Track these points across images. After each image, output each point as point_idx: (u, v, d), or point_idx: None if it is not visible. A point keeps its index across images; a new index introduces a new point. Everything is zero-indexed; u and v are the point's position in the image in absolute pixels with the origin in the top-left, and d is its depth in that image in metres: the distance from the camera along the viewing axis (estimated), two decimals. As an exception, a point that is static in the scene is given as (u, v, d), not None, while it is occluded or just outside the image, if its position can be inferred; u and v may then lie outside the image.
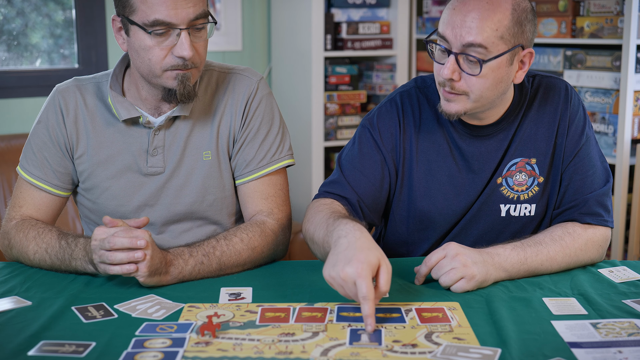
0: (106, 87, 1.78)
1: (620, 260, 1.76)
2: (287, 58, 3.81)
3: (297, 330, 1.36)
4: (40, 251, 1.67)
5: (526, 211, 1.74)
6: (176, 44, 1.61)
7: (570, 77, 3.15)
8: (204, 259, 1.62)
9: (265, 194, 1.79)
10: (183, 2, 1.59)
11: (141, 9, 1.59)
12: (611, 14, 2.97)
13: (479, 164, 1.73)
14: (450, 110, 1.63)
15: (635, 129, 2.97)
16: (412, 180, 1.75)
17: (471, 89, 1.59)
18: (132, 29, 1.63)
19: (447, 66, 1.57)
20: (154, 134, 1.75)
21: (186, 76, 1.65)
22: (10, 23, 3.44)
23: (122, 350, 1.27)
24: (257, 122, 1.79)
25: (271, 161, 1.79)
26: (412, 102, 1.77)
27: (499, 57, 1.57)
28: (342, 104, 3.79)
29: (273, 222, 1.76)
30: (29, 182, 1.78)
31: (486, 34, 1.55)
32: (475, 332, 1.35)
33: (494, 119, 1.71)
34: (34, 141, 1.79)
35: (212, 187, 1.79)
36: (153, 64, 1.63)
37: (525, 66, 1.64)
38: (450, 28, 1.57)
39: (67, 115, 1.77)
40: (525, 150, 1.72)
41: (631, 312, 1.44)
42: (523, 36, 1.60)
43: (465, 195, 1.74)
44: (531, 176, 1.73)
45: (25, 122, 3.38)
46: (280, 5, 3.80)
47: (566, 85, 1.75)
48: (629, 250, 2.98)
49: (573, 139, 1.72)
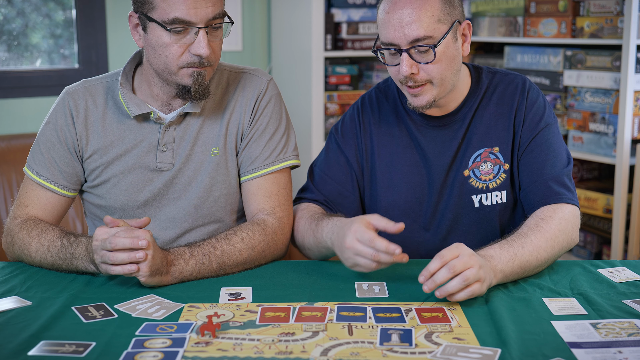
0: (116, 85, 1.80)
1: (620, 260, 1.76)
2: (287, 58, 3.81)
3: (297, 330, 1.36)
4: (42, 249, 1.67)
5: (497, 199, 1.80)
6: (194, 42, 1.65)
7: (570, 77, 3.15)
8: (205, 258, 1.62)
9: (269, 191, 1.80)
10: (203, 2, 1.62)
11: (161, 7, 1.62)
12: (611, 14, 2.97)
13: (435, 152, 1.80)
14: (421, 103, 1.71)
15: (635, 129, 2.97)
16: (375, 174, 1.84)
17: (431, 75, 1.67)
18: (150, 25, 1.65)
19: (403, 64, 1.65)
20: (165, 130, 1.77)
21: (201, 74, 1.68)
22: (11, 23, 3.44)
23: (122, 350, 1.28)
24: (265, 120, 1.82)
25: (277, 160, 1.82)
26: (371, 102, 1.88)
27: (443, 38, 1.65)
28: (342, 104, 3.79)
29: (274, 221, 1.76)
30: (36, 182, 1.79)
31: (425, 23, 1.63)
32: (475, 332, 1.35)
33: (452, 107, 1.79)
34: (42, 142, 1.80)
35: (218, 184, 1.80)
36: (170, 60, 1.66)
37: (468, 37, 1.73)
38: (392, 30, 1.64)
39: (77, 117, 1.78)
40: (487, 140, 1.79)
41: (631, 312, 1.44)
42: (455, 11, 1.68)
43: (427, 184, 1.81)
44: (496, 164, 1.79)
45: (25, 122, 3.38)
46: (280, 5, 3.80)
47: (524, 79, 1.83)
48: (629, 250, 2.98)
49: (530, 125, 1.78)
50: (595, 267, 1.69)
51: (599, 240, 3.16)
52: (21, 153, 2.95)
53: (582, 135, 3.14)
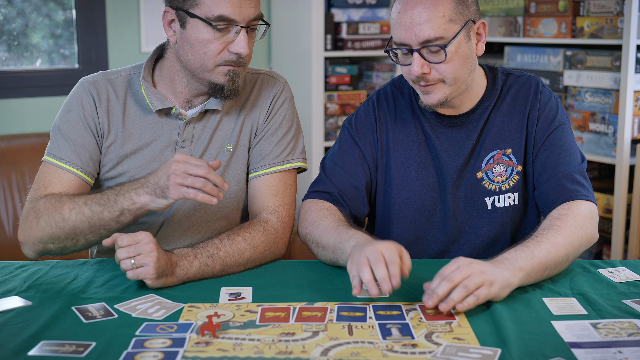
0: (137, 79, 1.81)
1: (620, 260, 1.76)
2: (287, 58, 3.82)
3: (297, 330, 1.36)
4: (77, 207, 1.64)
5: (510, 200, 1.79)
6: (234, 40, 1.67)
7: (570, 77, 3.15)
8: (208, 260, 1.62)
9: (275, 189, 1.81)
10: (247, 2, 1.66)
11: (205, 3, 1.65)
12: (611, 14, 2.97)
13: (448, 152, 1.79)
14: (432, 101, 1.70)
15: (635, 129, 2.97)
16: (390, 170, 1.83)
17: (444, 74, 1.67)
18: (191, 21, 1.67)
19: (414, 64, 1.65)
20: (185, 127, 1.79)
21: (237, 73, 1.71)
22: (11, 23, 3.44)
23: (122, 350, 1.28)
24: (279, 119, 1.84)
25: (286, 159, 1.84)
26: (387, 98, 1.87)
27: (455, 37, 1.64)
28: (342, 104, 3.79)
29: (276, 221, 1.77)
30: (61, 167, 1.74)
31: (436, 24, 1.62)
32: (475, 332, 1.35)
33: (467, 108, 1.78)
34: (66, 129, 1.77)
35: (229, 179, 1.82)
36: (208, 57, 1.68)
37: (482, 37, 1.72)
38: (404, 30, 1.64)
39: (100, 105, 1.78)
40: (500, 142, 1.78)
41: (631, 312, 1.44)
42: (469, 11, 1.67)
43: (437, 184, 1.80)
44: (509, 166, 1.78)
45: (25, 122, 3.38)
46: (280, 5, 3.80)
47: (537, 81, 1.82)
48: (629, 250, 2.98)
49: (544, 125, 1.77)
50: (595, 267, 1.69)
51: (599, 240, 3.16)
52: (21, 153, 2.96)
53: (582, 135, 3.14)
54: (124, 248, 1.52)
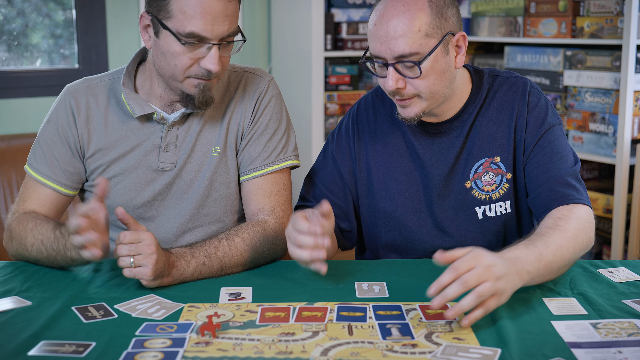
0: (118, 84, 1.80)
1: (620, 260, 1.76)
2: (287, 58, 3.81)
3: (297, 330, 1.36)
4: (37, 243, 1.67)
5: (502, 209, 1.75)
6: (205, 56, 1.64)
7: (570, 77, 3.15)
8: (206, 260, 1.62)
9: (269, 191, 1.80)
10: (220, 20, 1.61)
11: (178, 18, 1.60)
12: (611, 14, 2.97)
13: (432, 161, 1.76)
14: (409, 115, 1.67)
15: (635, 129, 2.97)
16: (372, 183, 1.81)
17: (419, 89, 1.62)
18: (164, 32, 1.64)
19: (389, 78, 1.61)
20: (167, 130, 1.77)
21: (207, 86, 1.68)
22: (11, 23, 3.44)
23: (122, 350, 1.28)
24: (265, 119, 1.82)
25: (277, 160, 1.82)
26: (367, 108, 1.84)
27: (431, 53, 1.59)
28: (342, 104, 3.79)
29: (274, 221, 1.76)
30: (37, 180, 1.79)
31: (411, 40, 1.57)
32: (475, 332, 1.35)
33: (450, 114, 1.75)
34: (43, 140, 1.80)
35: (219, 183, 1.81)
36: (178, 69, 1.66)
37: (462, 49, 1.66)
38: (379, 44, 1.60)
39: (79, 116, 1.78)
40: (488, 150, 1.74)
41: (631, 312, 1.44)
42: (448, 23, 1.61)
43: (422, 193, 1.77)
44: (498, 174, 1.74)
45: (25, 122, 3.38)
46: (280, 5, 3.80)
47: (525, 81, 1.77)
48: (629, 250, 2.98)
49: (533, 129, 1.73)
50: (595, 267, 1.69)
51: (599, 240, 3.16)
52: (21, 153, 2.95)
53: (582, 135, 3.14)
54: (125, 245, 1.51)
